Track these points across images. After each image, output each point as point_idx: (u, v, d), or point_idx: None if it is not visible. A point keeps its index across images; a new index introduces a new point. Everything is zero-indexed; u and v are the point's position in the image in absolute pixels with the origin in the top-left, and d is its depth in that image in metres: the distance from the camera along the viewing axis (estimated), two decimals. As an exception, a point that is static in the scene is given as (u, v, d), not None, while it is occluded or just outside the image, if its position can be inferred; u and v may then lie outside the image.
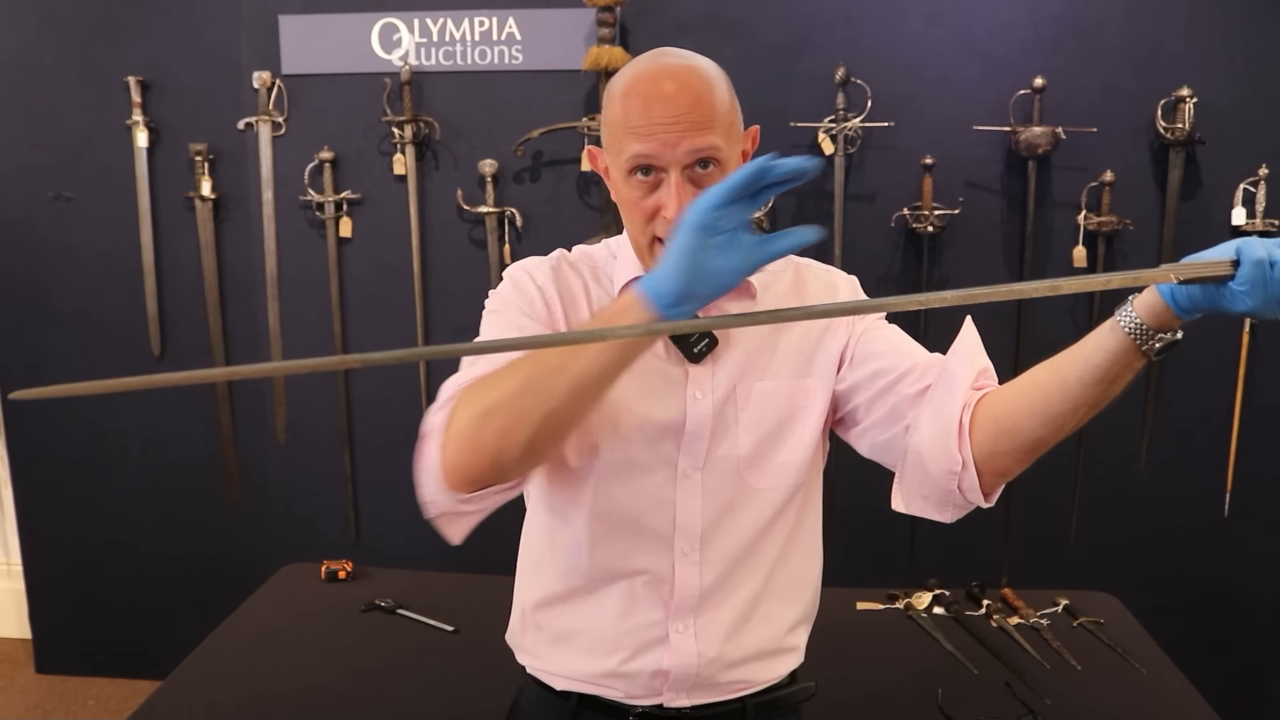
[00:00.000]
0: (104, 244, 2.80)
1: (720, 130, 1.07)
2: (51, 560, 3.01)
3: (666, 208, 1.04)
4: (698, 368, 1.16)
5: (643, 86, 1.06)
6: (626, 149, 1.05)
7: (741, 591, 1.20)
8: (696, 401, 1.16)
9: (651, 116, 1.03)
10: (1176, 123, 2.46)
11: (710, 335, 1.16)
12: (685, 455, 1.16)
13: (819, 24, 2.56)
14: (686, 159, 1.04)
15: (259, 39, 2.68)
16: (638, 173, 1.06)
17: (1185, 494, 2.69)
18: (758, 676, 1.23)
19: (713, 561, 1.18)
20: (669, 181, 1.05)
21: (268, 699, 1.66)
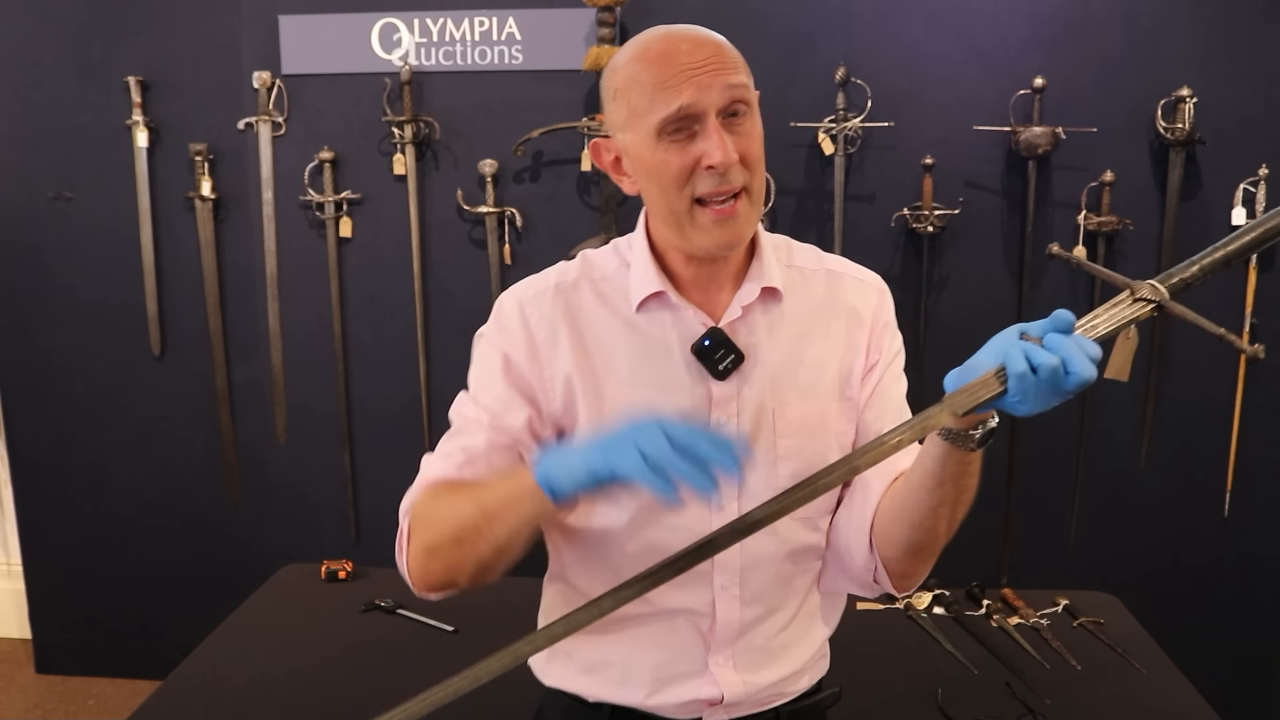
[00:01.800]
0: (104, 244, 2.80)
1: (745, 74, 1.05)
2: (51, 560, 3.01)
3: (709, 155, 0.99)
4: (723, 387, 1.09)
5: (660, 46, 1.02)
6: (658, 108, 0.99)
7: (781, 617, 1.17)
8: (721, 426, 1.09)
9: (679, 65, 0.99)
10: (1176, 123, 2.46)
11: (736, 351, 1.08)
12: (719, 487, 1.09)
13: (819, 24, 2.56)
14: (722, 99, 1.00)
15: (259, 39, 2.68)
16: (670, 132, 1.00)
17: (1185, 494, 2.69)
18: (792, 689, 1.22)
19: (753, 594, 1.13)
20: (706, 127, 1.00)
21: (268, 699, 1.66)
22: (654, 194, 1.05)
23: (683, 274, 1.11)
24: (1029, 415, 0.89)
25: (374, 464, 2.85)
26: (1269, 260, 2.54)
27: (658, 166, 1.02)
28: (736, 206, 1.02)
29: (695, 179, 1.01)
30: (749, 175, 1.03)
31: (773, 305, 1.12)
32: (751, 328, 1.11)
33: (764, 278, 1.11)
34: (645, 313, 1.10)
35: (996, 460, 2.71)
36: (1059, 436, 2.69)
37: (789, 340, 1.12)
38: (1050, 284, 2.62)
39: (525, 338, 1.10)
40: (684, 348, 1.09)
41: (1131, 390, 2.66)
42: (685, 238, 1.05)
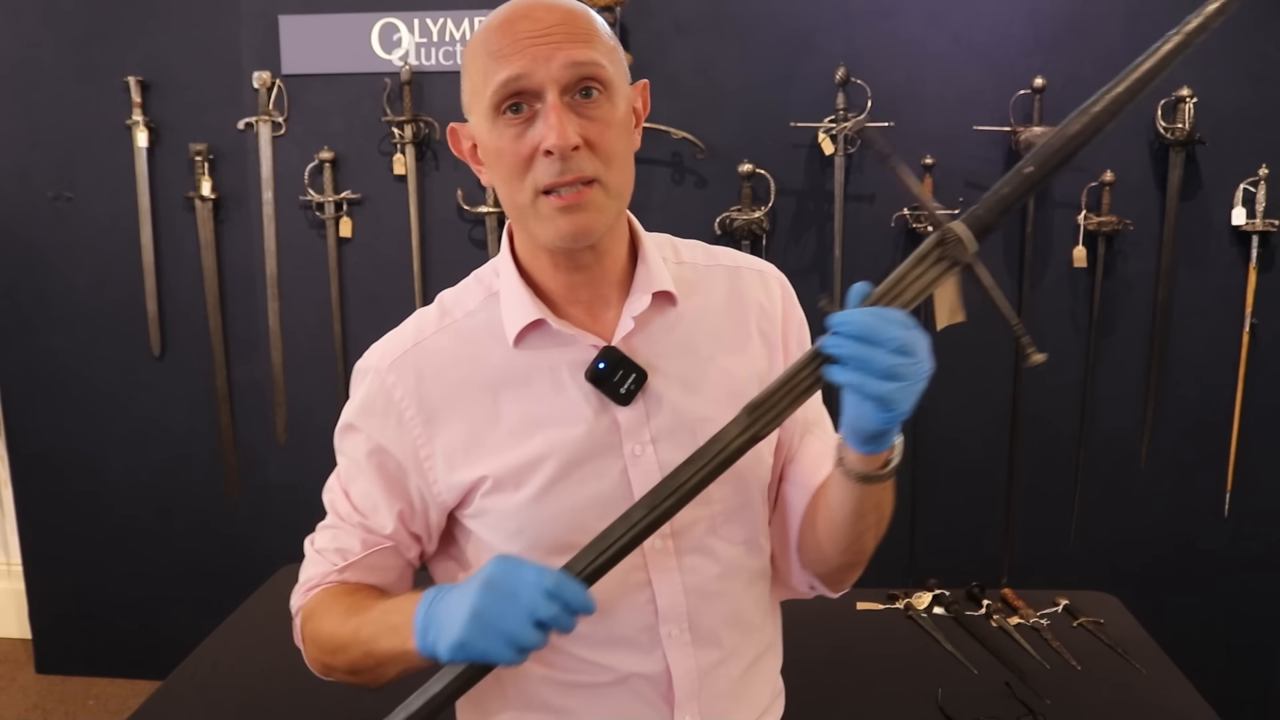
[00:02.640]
0: (104, 244, 2.80)
1: (602, 51, 0.89)
2: (51, 560, 3.01)
3: (545, 138, 0.86)
4: (629, 412, 0.96)
5: (503, 15, 0.90)
6: (491, 78, 0.87)
7: (738, 657, 1.06)
8: (637, 459, 0.96)
9: (516, 32, 0.87)
10: (1176, 123, 2.46)
11: (637, 369, 0.95)
12: None
13: (819, 24, 2.56)
14: (564, 75, 0.86)
15: (259, 39, 2.68)
16: (507, 110, 0.88)
17: (1185, 494, 2.69)
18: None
19: (706, 637, 1.02)
20: (545, 108, 0.87)
21: (268, 699, 1.66)
22: (499, 184, 0.93)
23: (560, 291, 0.98)
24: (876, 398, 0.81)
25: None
26: (1269, 260, 2.54)
27: (497, 151, 0.90)
28: (586, 194, 0.88)
29: (535, 167, 0.88)
30: (601, 165, 0.89)
31: (669, 311, 1.00)
32: (650, 340, 0.98)
33: (653, 282, 0.99)
34: (525, 347, 0.97)
35: (997, 460, 2.71)
36: (1059, 436, 2.69)
37: (694, 346, 1.00)
38: (1050, 284, 2.62)
39: (394, 418, 0.99)
40: (576, 377, 0.96)
41: (1131, 390, 2.66)
42: (530, 233, 0.93)
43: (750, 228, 2.55)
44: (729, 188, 2.58)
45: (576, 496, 0.96)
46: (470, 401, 0.98)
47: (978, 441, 2.71)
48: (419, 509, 1.02)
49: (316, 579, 1.05)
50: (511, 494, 0.96)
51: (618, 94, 0.91)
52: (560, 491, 0.96)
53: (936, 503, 2.75)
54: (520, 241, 1.00)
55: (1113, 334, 2.63)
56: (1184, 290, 2.59)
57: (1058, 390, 2.66)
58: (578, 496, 0.96)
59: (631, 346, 0.98)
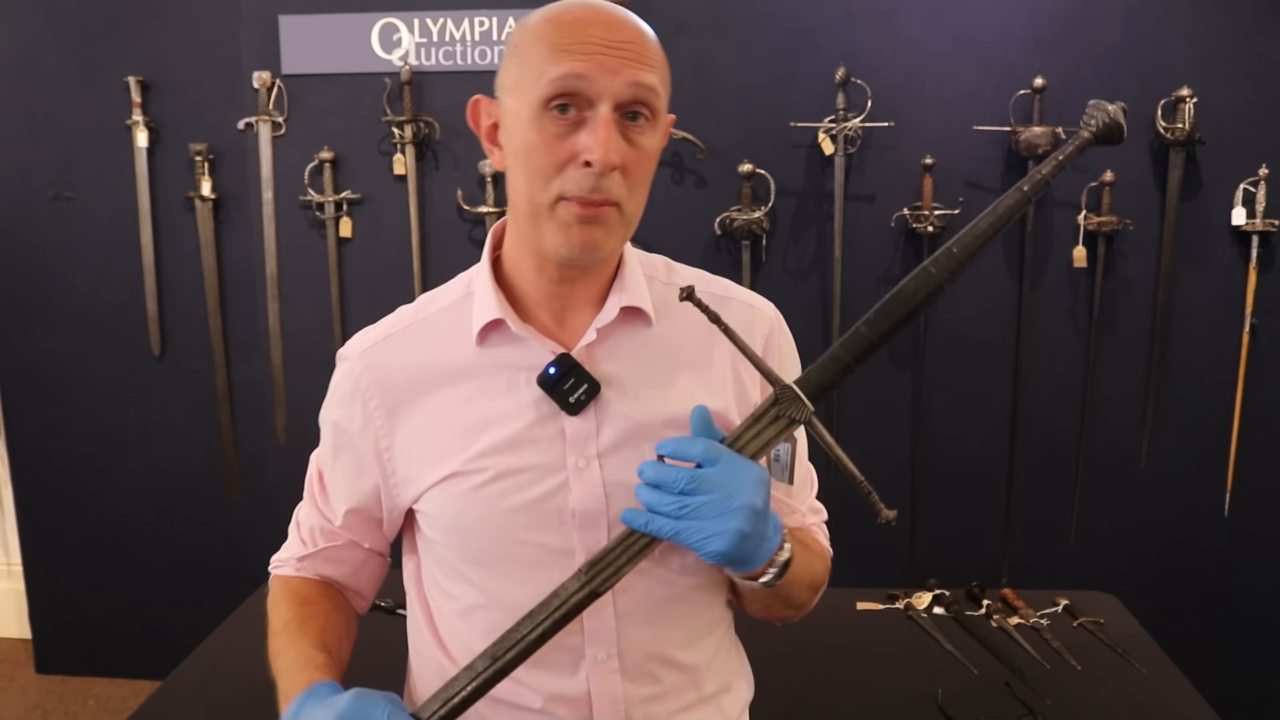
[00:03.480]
0: (104, 244, 2.80)
1: (661, 82, 0.89)
2: (51, 560, 3.01)
3: (589, 150, 0.84)
4: (577, 423, 0.94)
5: (578, 9, 0.88)
6: (550, 70, 0.84)
7: (682, 697, 1.00)
8: (580, 471, 0.94)
9: (590, 34, 0.85)
10: (1176, 123, 2.46)
11: (589, 380, 0.93)
12: (582, 542, 0.94)
13: (819, 24, 2.56)
14: (624, 92, 0.85)
15: (259, 39, 2.68)
16: (556, 107, 0.85)
17: (1185, 494, 2.69)
18: None
19: (638, 668, 0.97)
20: (596, 118, 0.85)
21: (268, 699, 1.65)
22: (518, 176, 0.90)
23: (535, 295, 0.96)
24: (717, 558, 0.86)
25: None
26: (1269, 260, 2.54)
27: (530, 145, 0.87)
28: (605, 211, 0.87)
29: (566, 174, 0.86)
30: (626, 192, 0.88)
31: (639, 329, 0.97)
32: (614, 354, 0.96)
33: (627, 297, 0.96)
34: (487, 346, 0.96)
35: (997, 460, 2.71)
36: (1059, 436, 2.69)
37: (662, 368, 0.97)
38: (1050, 284, 2.62)
39: (359, 407, 0.99)
40: (532, 382, 0.94)
41: (1131, 390, 2.66)
42: (539, 234, 0.90)
43: (750, 228, 2.55)
44: (729, 188, 2.58)
45: (511, 502, 0.94)
46: (431, 395, 0.97)
47: (978, 441, 2.71)
48: (375, 501, 1.03)
49: (285, 554, 1.12)
50: (455, 494, 0.96)
51: (659, 125, 0.91)
52: (495, 495, 0.94)
53: (936, 503, 2.75)
54: (511, 241, 0.98)
55: (1113, 334, 2.63)
56: (1184, 290, 2.59)
57: (1058, 390, 2.66)
58: (512, 502, 0.94)
59: (592, 358, 0.96)
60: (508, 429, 0.94)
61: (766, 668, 1.36)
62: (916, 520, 2.76)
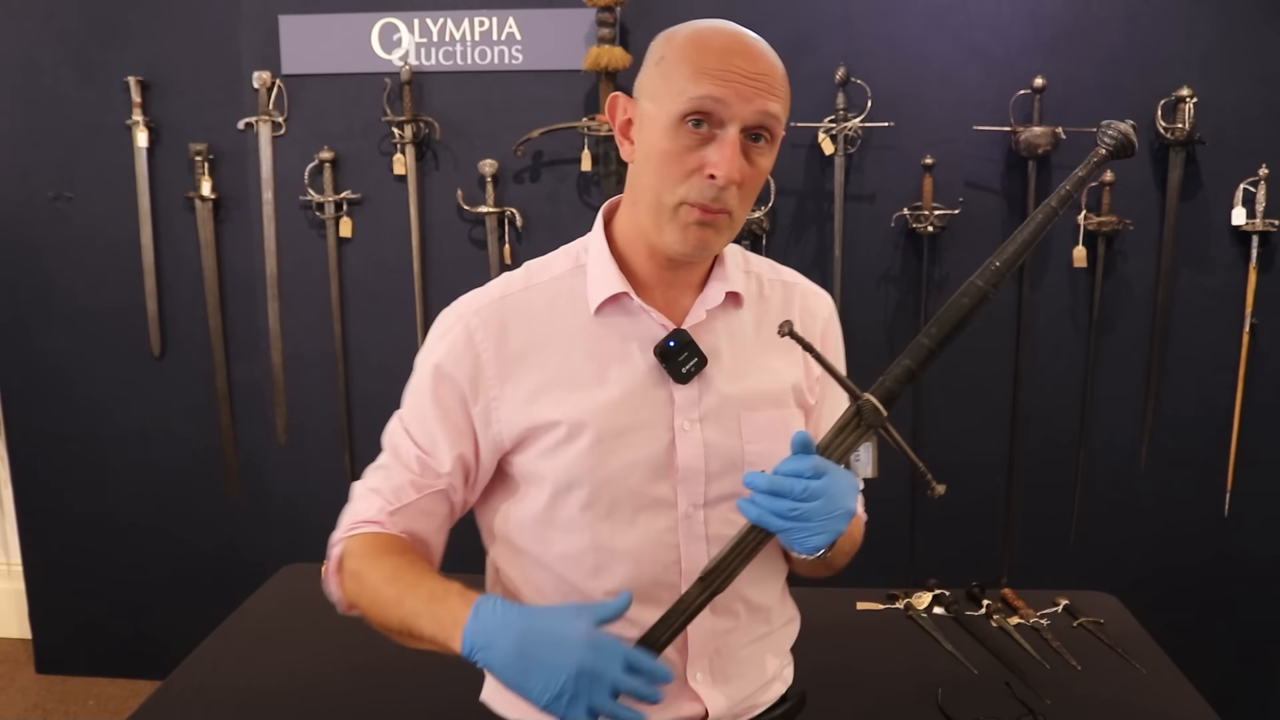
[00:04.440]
0: (104, 244, 2.80)
1: (783, 111, 1.03)
2: (51, 560, 3.01)
3: (716, 165, 0.97)
4: (685, 390, 1.07)
5: (723, 38, 1.01)
6: (691, 89, 0.97)
7: (755, 628, 1.16)
8: (684, 432, 1.07)
9: (731, 64, 0.98)
10: (1176, 123, 2.46)
11: (700, 354, 1.06)
12: (684, 494, 1.07)
13: (819, 24, 2.56)
14: (752, 118, 0.98)
15: (259, 39, 2.68)
16: (691, 121, 0.98)
17: (1185, 494, 2.69)
18: (765, 699, 1.22)
19: (724, 603, 1.10)
20: (725, 138, 0.98)
21: (268, 699, 1.66)
22: (648, 175, 1.02)
23: (645, 275, 1.09)
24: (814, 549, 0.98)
25: (374, 464, 2.85)
26: (1269, 260, 2.55)
27: (663, 149, 0.99)
28: (721, 219, 1.01)
29: (691, 181, 0.99)
30: (739, 204, 1.02)
31: (733, 311, 1.12)
32: (714, 332, 1.10)
33: (728, 283, 1.11)
34: (603, 316, 1.08)
35: (996, 460, 2.71)
36: (1059, 436, 2.69)
37: (749, 346, 1.12)
38: (1050, 284, 2.62)
39: (470, 357, 1.07)
40: (645, 351, 1.06)
41: (1131, 390, 2.66)
42: (659, 229, 1.02)
43: (750, 228, 2.55)
44: (729, 188, 2.58)
45: (626, 457, 1.05)
46: (546, 354, 1.07)
47: (978, 441, 2.71)
48: (473, 448, 1.10)
49: (364, 516, 1.11)
50: (568, 445, 1.05)
51: (776, 147, 1.04)
52: (612, 449, 1.05)
53: (936, 503, 2.74)
54: (626, 224, 1.09)
55: (1113, 334, 2.63)
56: (1184, 290, 2.59)
57: (1058, 390, 2.66)
58: (628, 457, 1.05)
59: (698, 334, 1.08)
60: (622, 389, 1.06)
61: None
62: (916, 520, 2.76)
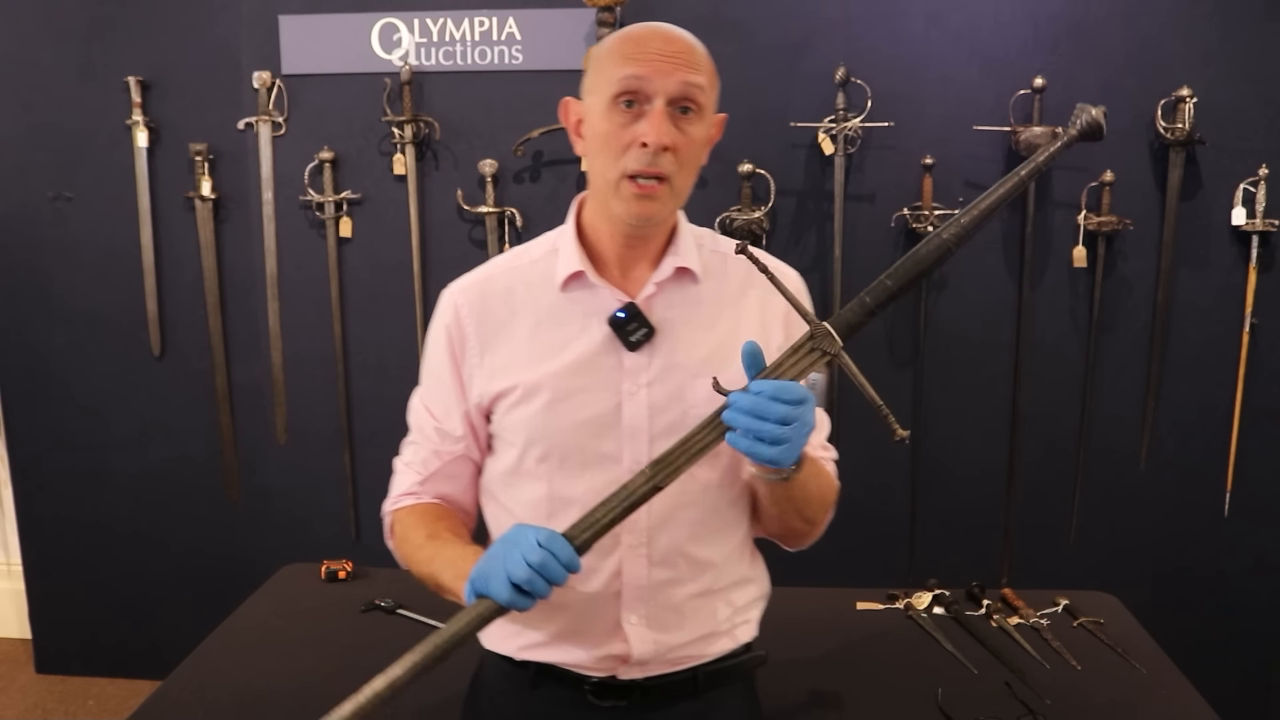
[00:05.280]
0: (104, 244, 2.80)
1: (707, 82, 1.13)
2: (51, 560, 3.01)
3: (646, 134, 1.08)
4: (634, 357, 1.17)
5: (641, 30, 1.14)
6: (618, 73, 1.09)
7: (694, 582, 1.22)
8: (631, 395, 1.17)
9: (649, 46, 1.10)
10: (1176, 123, 2.46)
11: (648, 325, 1.16)
12: (628, 451, 1.17)
13: (819, 24, 2.56)
14: (675, 90, 1.09)
15: (259, 39, 2.68)
16: (623, 102, 1.09)
17: (1185, 494, 2.69)
18: (710, 650, 1.27)
19: (662, 556, 1.19)
20: (653, 110, 1.09)
21: (268, 699, 1.66)
22: (595, 158, 1.14)
23: (607, 255, 1.20)
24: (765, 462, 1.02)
25: (374, 464, 2.85)
26: (1269, 260, 2.55)
27: (602, 132, 1.11)
28: (657, 189, 1.11)
29: (629, 154, 1.10)
30: (676, 168, 1.11)
31: (688, 285, 1.20)
32: (667, 304, 1.19)
33: (679, 259, 1.20)
34: (568, 292, 1.19)
35: (996, 460, 2.71)
36: (1059, 436, 2.69)
37: (704, 318, 1.20)
38: (1050, 284, 2.62)
39: (457, 329, 1.21)
40: (601, 322, 1.17)
41: (1131, 390, 2.66)
42: (607, 205, 1.14)
43: (750, 228, 2.55)
44: (729, 188, 2.58)
45: (576, 415, 1.17)
46: (518, 327, 1.20)
47: (978, 441, 2.71)
48: (477, 408, 1.23)
49: (404, 489, 1.28)
50: (526, 405, 1.18)
51: (706, 118, 1.14)
52: (564, 409, 1.17)
53: (936, 503, 2.75)
54: (590, 210, 1.21)
55: (1113, 334, 2.63)
56: (1184, 290, 2.59)
57: (1058, 390, 2.66)
58: (577, 416, 1.17)
59: (650, 306, 1.18)
60: (576, 356, 1.17)
61: (767, 667, 1.36)
62: (916, 520, 2.76)
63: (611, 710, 1.24)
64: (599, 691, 1.24)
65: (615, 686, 1.24)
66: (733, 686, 1.31)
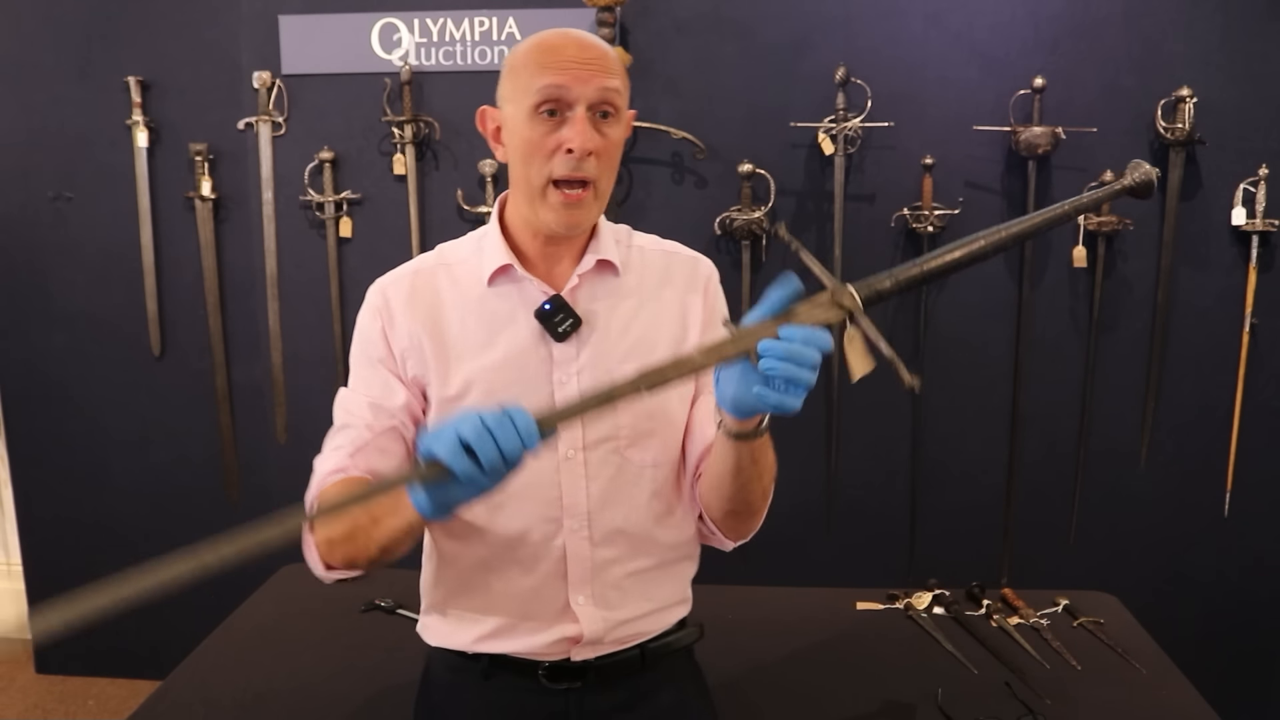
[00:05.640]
0: (104, 244, 2.80)
1: (622, 86, 1.16)
2: (51, 560, 3.01)
3: (570, 140, 1.10)
4: (562, 348, 1.20)
5: (555, 38, 1.15)
6: (537, 83, 1.11)
7: (637, 561, 1.26)
8: (562, 385, 1.20)
9: (566, 55, 1.12)
10: (1176, 123, 2.46)
11: (574, 315, 1.19)
12: (563, 438, 1.20)
13: (819, 24, 2.56)
14: (595, 96, 1.12)
15: (259, 39, 2.68)
16: (545, 111, 1.11)
17: (1185, 494, 2.69)
18: (654, 626, 1.31)
19: (603, 536, 1.23)
20: (575, 117, 1.11)
21: (268, 699, 1.66)
22: (517, 166, 1.16)
23: (530, 253, 1.22)
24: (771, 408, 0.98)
25: (374, 464, 2.85)
26: (1269, 260, 2.55)
27: (526, 139, 1.13)
28: (583, 195, 1.14)
29: (554, 160, 1.12)
30: (600, 172, 1.14)
31: (610, 278, 1.24)
32: (591, 296, 1.22)
33: (600, 253, 1.23)
34: (495, 287, 1.22)
35: (996, 460, 2.71)
36: (1059, 436, 2.69)
37: (627, 309, 1.24)
38: (1050, 284, 2.62)
39: (386, 315, 1.24)
40: (528, 315, 1.20)
41: (1131, 390, 2.66)
42: (535, 211, 1.16)
43: (750, 228, 2.55)
44: (729, 188, 2.58)
45: (507, 396, 1.15)
46: (444, 320, 1.21)
47: (978, 441, 2.71)
48: (410, 385, 1.23)
49: (328, 468, 1.21)
50: (459, 401, 1.19)
51: (623, 119, 1.17)
52: (497, 399, 1.12)
53: (936, 503, 2.75)
54: (512, 208, 1.23)
55: (1113, 334, 2.64)
56: (1184, 290, 2.59)
57: (1058, 390, 2.66)
58: (508, 396, 1.14)
59: (575, 298, 1.21)
60: (506, 350, 1.19)
61: (767, 667, 1.36)
62: (916, 520, 2.76)
63: (566, 692, 1.27)
64: (553, 675, 1.27)
65: (568, 669, 1.27)
66: (676, 661, 1.36)
